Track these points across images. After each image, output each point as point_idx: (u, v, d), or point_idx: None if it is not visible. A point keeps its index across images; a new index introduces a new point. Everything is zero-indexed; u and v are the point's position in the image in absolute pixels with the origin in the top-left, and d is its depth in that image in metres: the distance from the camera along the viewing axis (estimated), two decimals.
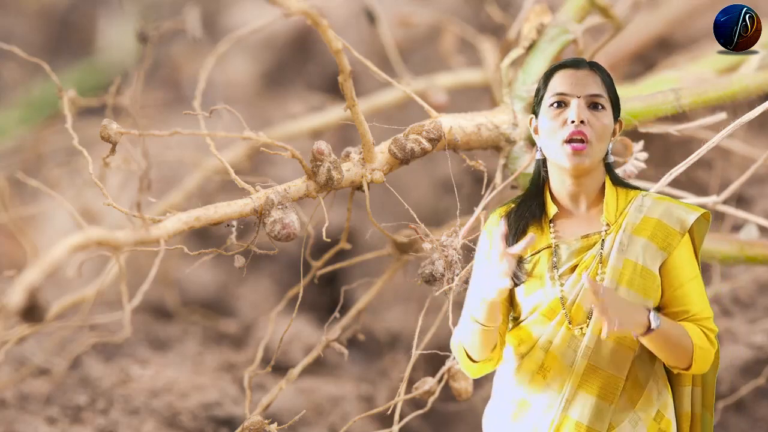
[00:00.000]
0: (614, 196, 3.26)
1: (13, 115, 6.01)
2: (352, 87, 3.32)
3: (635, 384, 3.22)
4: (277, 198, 3.39)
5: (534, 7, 3.84)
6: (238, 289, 5.31)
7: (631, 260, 3.19)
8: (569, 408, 3.20)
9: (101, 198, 3.38)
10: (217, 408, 4.45)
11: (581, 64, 3.28)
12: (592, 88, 3.23)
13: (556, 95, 3.23)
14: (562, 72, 3.26)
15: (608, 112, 3.24)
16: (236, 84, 6.13)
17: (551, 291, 3.22)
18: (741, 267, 4.54)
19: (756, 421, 4.41)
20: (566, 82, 3.24)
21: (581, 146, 3.18)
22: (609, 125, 3.23)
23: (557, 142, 3.21)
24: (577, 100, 3.21)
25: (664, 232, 3.22)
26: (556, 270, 3.23)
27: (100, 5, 6.63)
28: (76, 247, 2.88)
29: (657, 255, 3.21)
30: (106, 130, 3.37)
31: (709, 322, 3.24)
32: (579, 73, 3.25)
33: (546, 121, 3.23)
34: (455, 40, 5.10)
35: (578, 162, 3.19)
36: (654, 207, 3.24)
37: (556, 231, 3.26)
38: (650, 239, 3.20)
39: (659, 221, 3.22)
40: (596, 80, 3.25)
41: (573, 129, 3.18)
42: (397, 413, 3.59)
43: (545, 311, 3.23)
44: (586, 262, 3.21)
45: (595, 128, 3.20)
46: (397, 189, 3.56)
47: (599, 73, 3.27)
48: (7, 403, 4.41)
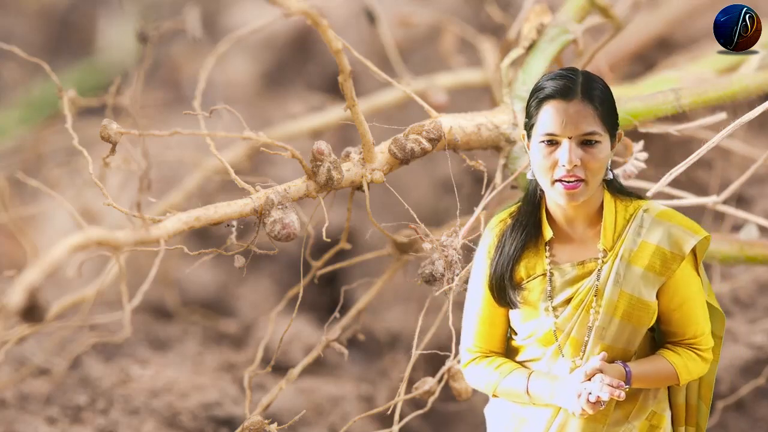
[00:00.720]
0: (613, 215, 3.19)
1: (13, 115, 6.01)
2: (352, 87, 3.32)
3: (628, 398, 3.20)
4: (277, 198, 3.39)
5: (534, 7, 3.84)
6: (238, 289, 5.31)
7: (626, 292, 3.16)
8: (564, 427, 3.20)
9: (101, 198, 3.38)
10: (217, 408, 4.45)
11: (571, 94, 3.11)
12: (582, 126, 3.09)
13: (545, 135, 3.11)
14: (551, 105, 3.11)
15: (603, 144, 3.12)
16: (236, 84, 6.13)
17: (545, 322, 3.20)
18: (741, 267, 4.54)
19: (756, 421, 4.41)
20: (556, 122, 3.09)
21: (574, 186, 3.09)
22: (604, 158, 3.12)
23: (549, 181, 3.12)
24: (568, 141, 3.09)
25: (662, 258, 3.17)
26: (550, 300, 3.19)
27: (100, 5, 6.63)
28: (76, 247, 2.88)
29: (655, 281, 3.18)
30: (106, 130, 3.37)
31: (703, 339, 3.22)
32: (570, 107, 3.10)
33: (537, 156, 3.13)
34: (455, 40, 5.10)
35: (571, 200, 3.12)
36: (653, 229, 3.17)
37: (552, 255, 3.21)
38: (648, 268, 3.16)
39: (658, 247, 3.17)
40: (588, 113, 3.10)
41: (564, 172, 3.09)
42: (397, 413, 3.58)
43: (541, 339, 3.22)
44: (581, 294, 3.17)
45: (588, 167, 3.10)
46: (397, 189, 3.56)
47: (590, 101, 3.11)
48: (7, 403, 4.41)
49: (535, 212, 3.24)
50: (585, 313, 3.17)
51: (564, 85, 3.12)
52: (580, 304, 3.17)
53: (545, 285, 3.20)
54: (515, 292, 3.21)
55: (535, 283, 3.20)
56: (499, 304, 3.25)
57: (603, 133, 3.12)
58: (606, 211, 3.19)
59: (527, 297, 3.21)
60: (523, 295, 3.21)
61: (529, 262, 3.22)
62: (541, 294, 3.20)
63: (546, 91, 3.13)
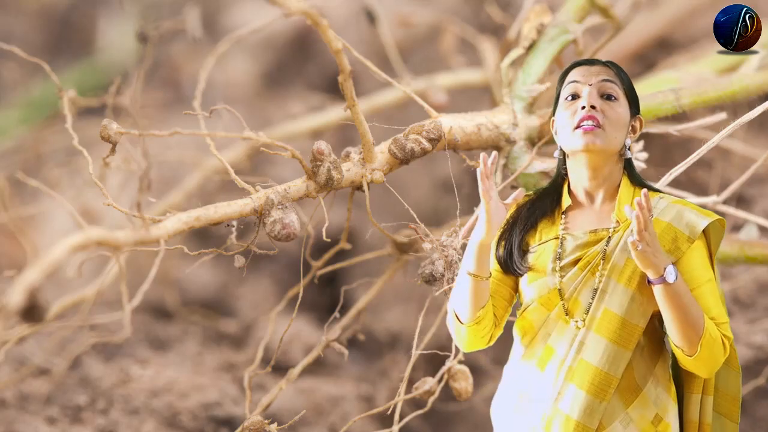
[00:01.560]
0: (630, 194, 3.25)
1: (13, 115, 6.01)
2: (352, 87, 3.32)
3: (631, 385, 3.21)
4: (277, 198, 3.39)
5: (534, 7, 3.84)
6: (238, 289, 5.31)
7: (633, 260, 3.17)
8: (560, 400, 3.20)
9: (101, 198, 3.38)
10: (217, 408, 4.45)
11: (595, 62, 3.32)
12: (603, 75, 3.25)
13: (569, 84, 3.25)
14: (576, 68, 3.30)
15: (622, 103, 3.25)
16: (236, 84, 6.13)
17: (551, 281, 3.23)
18: (741, 267, 4.54)
19: (756, 421, 4.41)
20: (579, 73, 3.27)
21: (591, 128, 3.19)
22: (623, 114, 3.24)
23: (570, 130, 3.22)
24: (589, 87, 3.23)
25: (673, 235, 3.20)
26: (558, 261, 3.24)
27: (100, 5, 6.63)
28: (76, 247, 2.88)
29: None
30: (106, 130, 3.37)
31: (724, 327, 3.21)
32: (593, 67, 3.29)
33: (561, 112, 3.26)
34: (455, 40, 5.10)
35: (589, 141, 3.19)
36: (667, 210, 3.23)
37: (566, 223, 3.27)
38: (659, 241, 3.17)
39: (669, 224, 3.20)
40: (609, 73, 3.27)
41: (584, 114, 3.20)
42: (397, 413, 3.58)
43: (543, 300, 3.24)
44: (589, 256, 3.21)
45: (607, 114, 3.21)
46: (397, 189, 3.56)
47: (614, 68, 3.30)
48: (7, 403, 4.41)
49: (557, 189, 3.33)
50: (590, 275, 3.20)
51: (587, 59, 3.34)
52: (586, 266, 3.21)
53: (556, 247, 3.25)
54: (523, 257, 3.28)
55: (547, 246, 3.26)
56: (508, 271, 3.31)
57: (622, 95, 3.26)
58: (623, 188, 3.26)
59: (536, 260, 3.26)
60: (531, 258, 3.27)
61: (544, 229, 3.29)
62: (551, 255, 3.25)
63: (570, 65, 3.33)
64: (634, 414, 3.21)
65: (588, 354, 3.19)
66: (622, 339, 3.19)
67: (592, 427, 3.18)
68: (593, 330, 3.19)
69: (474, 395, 3.76)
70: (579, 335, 3.20)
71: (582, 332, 3.20)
